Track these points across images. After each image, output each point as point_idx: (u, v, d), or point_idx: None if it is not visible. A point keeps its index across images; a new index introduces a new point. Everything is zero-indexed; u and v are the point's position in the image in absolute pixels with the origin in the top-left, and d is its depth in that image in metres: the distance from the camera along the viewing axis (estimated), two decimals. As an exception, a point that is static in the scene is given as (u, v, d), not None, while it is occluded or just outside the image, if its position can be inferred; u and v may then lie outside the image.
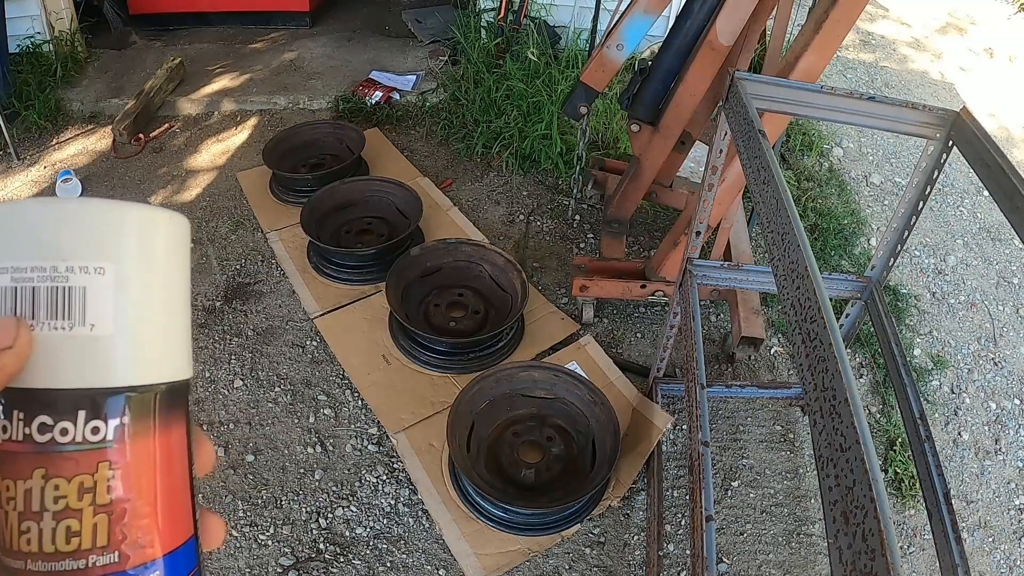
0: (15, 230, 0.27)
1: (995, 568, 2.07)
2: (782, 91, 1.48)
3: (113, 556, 0.27)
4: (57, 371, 0.27)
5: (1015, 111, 4.47)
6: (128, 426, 0.28)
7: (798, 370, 0.92)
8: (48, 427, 0.27)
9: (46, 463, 0.27)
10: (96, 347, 0.27)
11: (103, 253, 0.28)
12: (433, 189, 3.11)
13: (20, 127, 3.40)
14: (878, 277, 1.76)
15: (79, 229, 0.27)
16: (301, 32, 4.48)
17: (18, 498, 0.27)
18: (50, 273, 0.27)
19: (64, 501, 0.27)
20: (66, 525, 0.27)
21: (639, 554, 1.95)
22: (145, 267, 0.29)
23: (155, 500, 0.28)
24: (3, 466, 0.27)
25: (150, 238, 0.29)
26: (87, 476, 0.27)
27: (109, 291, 0.27)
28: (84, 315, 0.27)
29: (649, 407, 2.19)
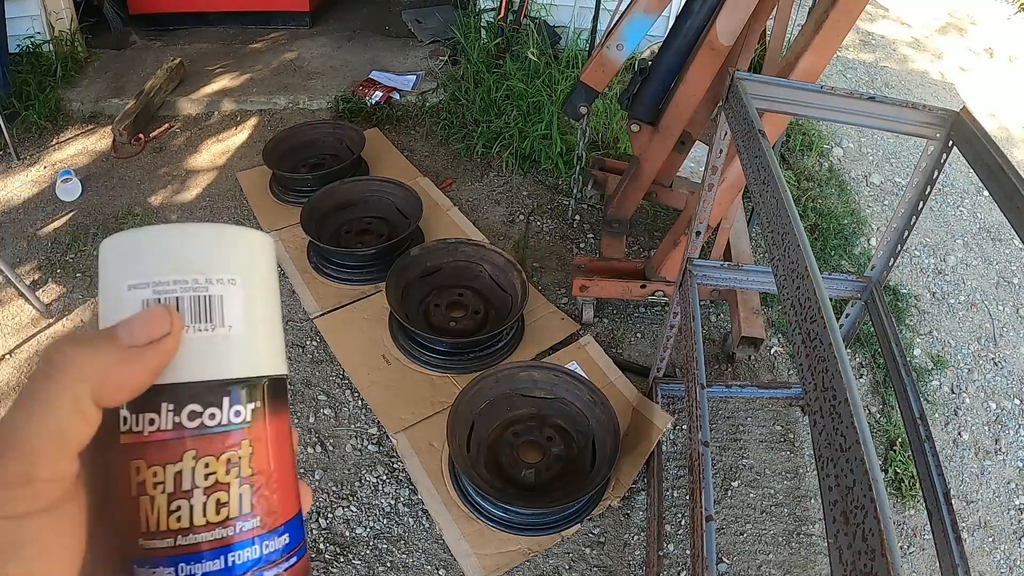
0: (155, 251, 0.32)
1: (995, 568, 2.07)
2: (782, 91, 1.48)
3: (256, 521, 0.31)
4: (205, 365, 0.31)
5: (1015, 111, 4.47)
6: (260, 408, 0.32)
7: (798, 370, 0.92)
8: (197, 414, 0.31)
9: (196, 445, 0.30)
10: (234, 344, 0.32)
11: (233, 267, 0.33)
12: (433, 189, 3.11)
13: (20, 127, 3.40)
14: (878, 277, 1.76)
15: (214, 248, 0.33)
16: (301, 32, 4.48)
17: (167, 481, 0.30)
18: (192, 285, 0.31)
19: (214, 476, 0.31)
20: (216, 498, 0.30)
21: (639, 554, 1.95)
22: (260, 277, 0.34)
23: (280, 471, 0.33)
24: (151, 454, 0.30)
25: (262, 253, 0.35)
26: (233, 452, 0.31)
27: (240, 298, 0.33)
28: (223, 318, 0.32)
29: (649, 407, 2.19)
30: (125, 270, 0.31)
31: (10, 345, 2.40)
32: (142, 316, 0.30)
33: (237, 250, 0.33)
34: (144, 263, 0.31)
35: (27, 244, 2.81)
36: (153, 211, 3.00)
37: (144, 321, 0.30)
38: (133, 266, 0.31)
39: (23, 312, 2.51)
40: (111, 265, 0.32)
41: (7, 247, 2.78)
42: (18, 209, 2.99)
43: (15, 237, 2.84)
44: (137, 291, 0.31)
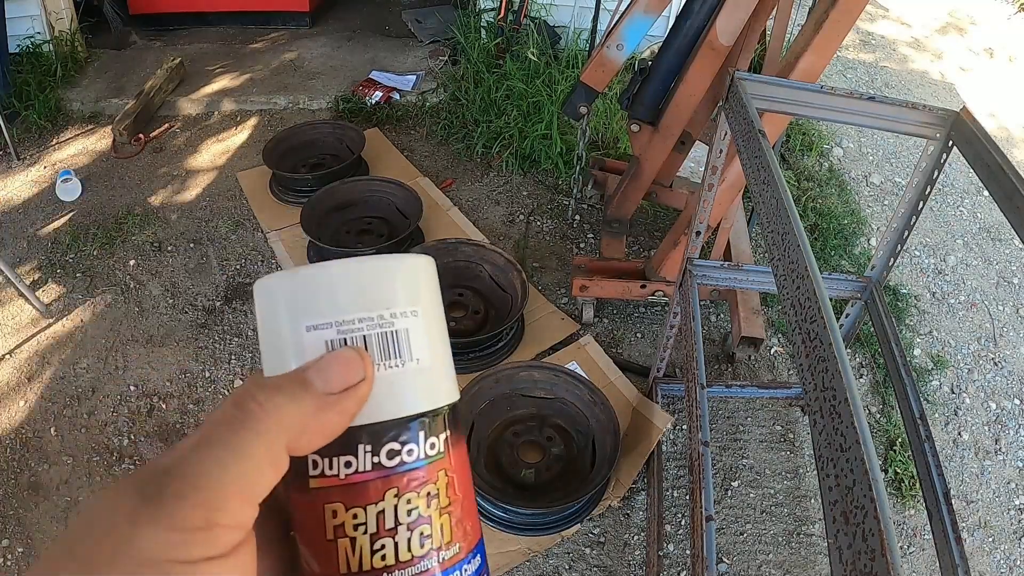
0: (333, 288, 0.31)
1: (995, 568, 2.07)
2: (782, 91, 1.48)
3: (456, 548, 0.31)
4: (400, 402, 0.31)
5: (1015, 111, 4.47)
6: (449, 437, 0.32)
7: (798, 370, 0.92)
8: (396, 452, 0.30)
9: (397, 483, 0.30)
10: (423, 376, 0.32)
11: (413, 298, 0.32)
12: (433, 189, 3.11)
13: (20, 127, 3.40)
14: (878, 277, 1.76)
15: (395, 281, 0.32)
16: (301, 32, 4.48)
17: (369, 522, 0.30)
18: (378, 321, 0.31)
19: (417, 512, 0.30)
20: (419, 531, 0.30)
21: (639, 554, 1.95)
22: (434, 304, 0.34)
23: (468, 495, 0.33)
24: (349, 497, 0.30)
25: (432, 279, 0.34)
26: (432, 485, 0.31)
27: (422, 328, 0.32)
28: (411, 352, 0.31)
29: (649, 407, 2.19)
30: (300, 310, 0.30)
31: (10, 345, 2.40)
32: (335, 360, 0.29)
33: (413, 280, 0.33)
34: (322, 302, 0.30)
35: (27, 244, 2.81)
36: (153, 211, 3.00)
37: (338, 366, 0.29)
38: (310, 306, 0.30)
39: (23, 312, 2.51)
40: (280, 305, 0.31)
41: (7, 247, 2.78)
42: (18, 209, 2.99)
43: (15, 237, 2.84)
44: (319, 332, 0.30)
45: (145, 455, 2.11)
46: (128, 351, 2.41)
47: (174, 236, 2.87)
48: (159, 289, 2.64)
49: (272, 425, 0.28)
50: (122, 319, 2.52)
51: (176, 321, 2.52)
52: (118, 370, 2.34)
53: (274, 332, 0.31)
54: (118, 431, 2.17)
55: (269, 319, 0.31)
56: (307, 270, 0.31)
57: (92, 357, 2.38)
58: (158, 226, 2.92)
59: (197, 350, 2.42)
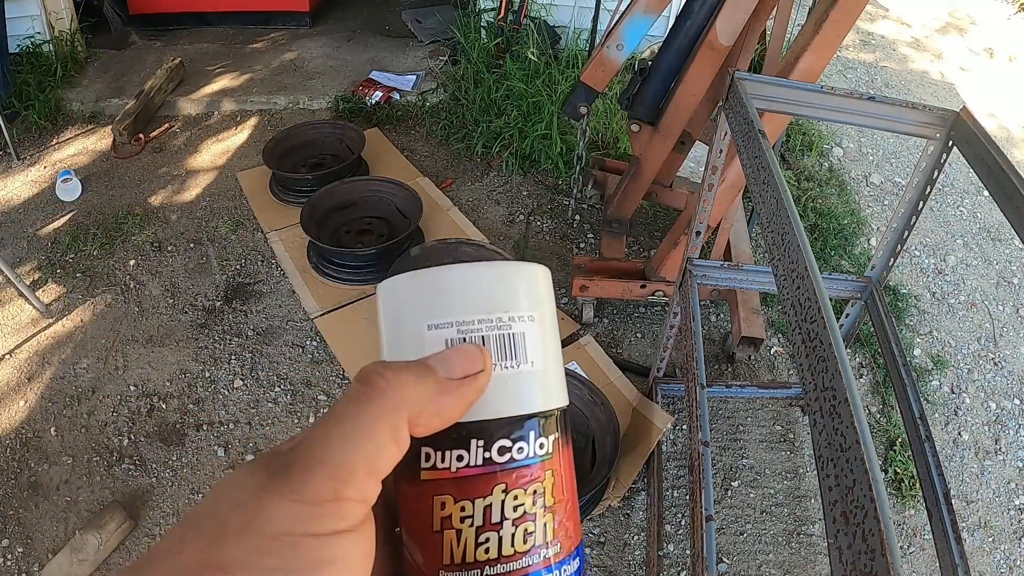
0: (455, 290, 0.33)
1: (995, 568, 2.07)
2: (782, 91, 1.48)
3: (557, 547, 0.32)
4: (512, 401, 0.32)
5: (1015, 111, 4.47)
6: (558, 439, 0.34)
7: (798, 370, 0.92)
8: (507, 449, 0.31)
9: (506, 479, 0.31)
10: (537, 379, 0.33)
11: (531, 304, 0.34)
12: (433, 189, 3.11)
13: (20, 127, 3.40)
14: (878, 277, 1.76)
15: (515, 287, 0.33)
16: (301, 32, 4.48)
17: (476, 515, 0.31)
18: (496, 323, 0.32)
19: (522, 508, 0.31)
20: (524, 528, 0.31)
21: (639, 554, 1.95)
22: (549, 312, 0.35)
23: (572, 498, 0.34)
24: (459, 489, 0.31)
25: (546, 288, 0.35)
26: (538, 484, 0.32)
27: (537, 333, 0.33)
28: (526, 354, 0.33)
29: (649, 407, 2.19)
30: (421, 310, 0.32)
31: (10, 345, 2.40)
32: (457, 352, 0.31)
33: (531, 287, 0.34)
34: (443, 303, 0.32)
35: (27, 244, 2.81)
36: (153, 211, 3.00)
37: (460, 357, 0.31)
38: (433, 307, 0.32)
39: (23, 312, 2.51)
40: (402, 305, 0.33)
41: (7, 247, 2.78)
42: (18, 209, 2.99)
43: (15, 237, 2.84)
44: (440, 331, 0.32)
45: (145, 455, 2.11)
46: (128, 351, 2.41)
47: (174, 236, 2.87)
48: (159, 289, 2.64)
49: (396, 401, 0.28)
50: (122, 319, 2.52)
51: (176, 321, 2.52)
52: (118, 370, 2.34)
53: (396, 330, 0.33)
54: (118, 431, 2.17)
55: (391, 318, 0.33)
56: (429, 273, 0.33)
57: (92, 357, 2.38)
58: (158, 226, 2.92)
59: (197, 350, 2.42)
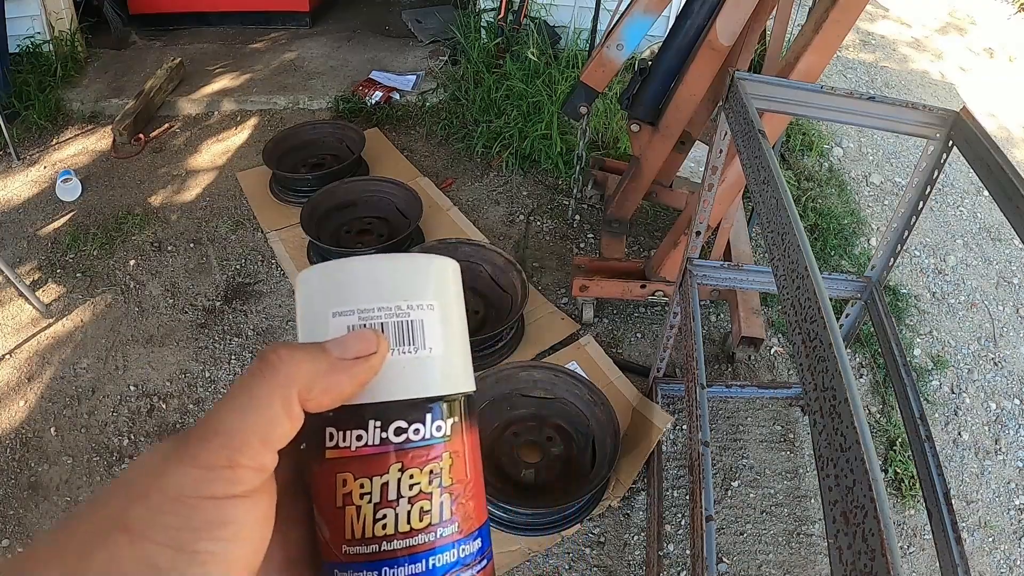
0: (358, 281, 0.34)
1: (995, 568, 2.07)
2: (782, 91, 1.48)
3: (454, 527, 0.34)
4: (409, 385, 0.34)
5: (1015, 111, 4.47)
6: (457, 424, 0.35)
7: (798, 370, 0.92)
8: (403, 430, 0.33)
9: (402, 458, 0.33)
10: (434, 365, 0.35)
11: (430, 293, 0.35)
12: (433, 189, 3.11)
13: (20, 127, 3.40)
14: (878, 277, 1.76)
15: (413, 277, 0.35)
16: (301, 32, 4.48)
17: (374, 492, 0.32)
18: (395, 311, 0.34)
19: (418, 487, 0.33)
20: (419, 506, 0.33)
21: (639, 554, 1.95)
22: (452, 301, 0.36)
23: (475, 480, 0.35)
24: (358, 468, 0.33)
25: (452, 280, 0.37)
26: (435, 464, 0.33)
27: (437, 322, 0.35)
28: (424, 341, 0.34)
29: (649, 407, 2.19)
30: (329, 299, 0.34)
31: (10, 345, 2.40)
32: (354, 335, 0.33)
33: (433, 277, 0.36)
34: (347, 292, 0.34)
35: (27, 244, 2.81)
36: (153, 211, 3.00)
37: (355, 339, 0.33)
38: (336, 295, 0.34)
39: (23, 312, 2.51)
40: (313, 295, 0.35)
41: (7, 247, 2.78)
42: (18, 209, 2.99)
43: (15, 237, 2.84)
44: (342, 318, 0.34)
45: (145, 455, 2.11)
46: (128, 351, 2.41)
47: (174, 236, 2.87)
48: (159, 289, 2.64)
49: (287, 375, 0.30)
50: (122, 319, 2.52)
51: (176, 321, 2.52)
52: (118, 370, 2.34)
53: (308, 318, 0.35)
54: (118, 431, 2.17)
55: (305, 307, 0.35)
56: (337, 264, 0.35)
57: (92, 357, 2.38)
58: (158, 226, 2.92)
59: (197, 350, 2.42)
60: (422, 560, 0.32)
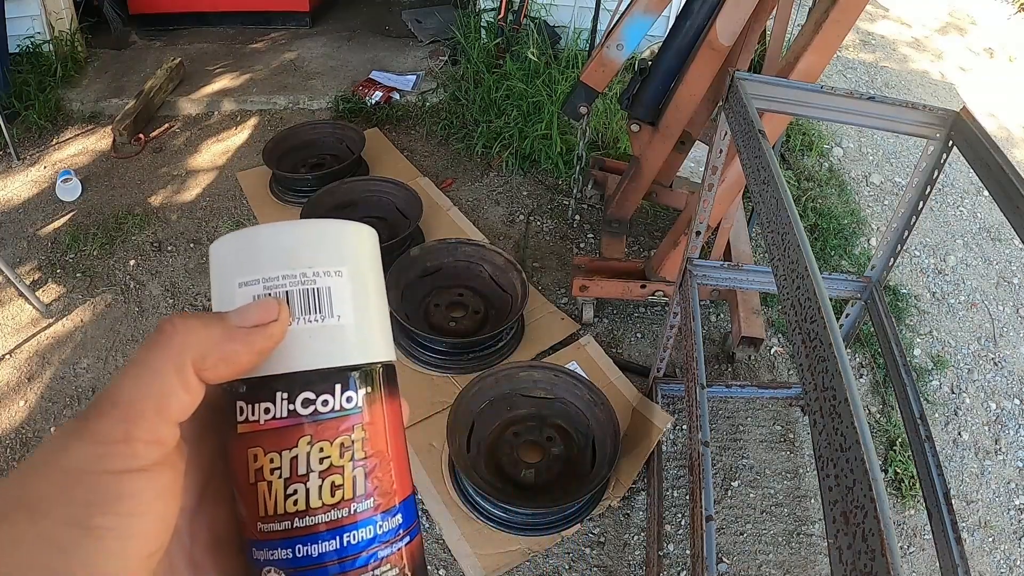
0: (263, 248, 0.33)
1: (995, 568, 2.07)
2: (782, 91, 1.48)
3: (369, 503, 0.32)
4: (316, 354, 0.32)
5: (1015, 111, 4.47)
6: (370, 394, 0.33)
7: (798, 370, 0.92)
8: (311, 401, 0.32)
9: (311, 431, 0.32)
10: (343, 333, 0.33)
11: (339, 259, 0.34)
12: (433, 189, 3.11)
13: (20, 127, 3.40)
14: (878, 277, 1.76)
15: (320, 243, 0.34)
16: (301, 32, 4.48)
17: (283, 466, 0.31)
18: (300, 279, 0.33)
19: (328, 460, 0.32)
20: (331, 481, 0.32)
21: (639, 554, 1.95)
22: (366, 267, 0.35)
23: (393, 455, 0.34)
24: (268, 442, 0.32)
25: (365, 246, 0.36)
26: (346, 437, 0.32)
27: (347, 289, 0.34)
28: (332, 309, 0.33)
29: (649, 407, 2.19)
30: (235, 269, 0.33)
31: (10, 345, 2.40)
32: (253, 304, 0.32)
33: (341, 243, 0.35)
34: (252, 261, 0.33)
35: (27, 244, 2.81)
36: (153, 211, 3.00)
37: (256, 308, 0.32)
38: (242, 265, 0.33)
39: (23, 312, 2.51)
40: (221, 265, 0.34)
41: (7, 247, 2.78)
42: (18, 209, 2.99)
43: (15, 237, 2.84)
44: (248, 288, 0.33)
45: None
46: (128, 351, 2.41)
47: (174, 236, 2.87)
48: (159, 289, 2.64)
49: (180, 344, 0.30)
50: (122, 319, 2.52)
51: (176, 321, 2.52)
52: (118, 370, 2.34)
53: (215, 288, 0.34)
54: (118, 431, 2.17)
55: (213, 276, 0.34)
56: (244, 232, 0.33)
57: (92, 357, 2.38)
58: (158, 226, 2.92)
59: (197, 350, 2.41)
60: (336, 536, 0.31)
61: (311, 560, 0.31)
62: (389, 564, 0.33)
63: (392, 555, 0.33)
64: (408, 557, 0.34)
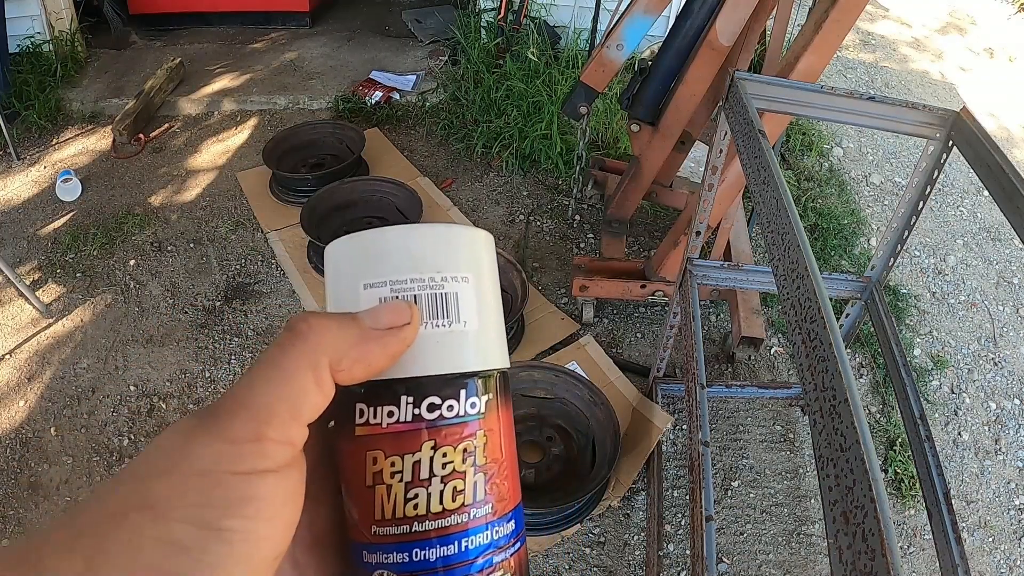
0: (390, 252, 0.33)
1: (995, 568, 2.07)
2: (782, 91, 1.48)
3: (488, 507, 0.32)
4: (443, 359, 0.32)
5: (1015, 111, 4.47)
6: (492, 401, 0.34)
7: (798, 370, 0.92)
8: (436, 406, 0.32)
9: (435, 436, 0.31)
10: (469, 339, 0.33)
11: (466, 266, 0.34)
12: (433, 189, 3.11)
13: (20, 127, 3.40)
14: (878, 277, 1.76)
15: (449, 248, 0.34)
16: (301, 32, 4.48)
17: (405, 470, 0.31)
18: (428, 283, 0.33)
19: (451, 466, 0.32)
20: (453, 486, 0.31)
21: (639, 554, 1.95)
22: (486, 275, 0.35)
23: (510, 460, 0.34)
24: (389, 445, 0.31)
25: (488, 252, 0.36)
26: (469, 442, 0.32)
27: (472, 295, 0.34)
28: (459, 314, 0.33)
29: (649, 407, 2.19)
30: (359, 270, 0.33)
31: (10, 345, 2.40)
32: (386, 306, 0.32)
33: (468, 249, 0.35)
34: (379, 264, 0.33)
35: (27, 244, 2.81)
36: (153, 211, 3.00)
37: (388, 310, 0.31)
38: (368, 267, 0.33)
39: (23, 312, 2.51)
40: (341, 266, 0.34)
41: (7, 247, 2.78)
42: (18, 209, 2.99)
43: (15, 237, 2.84)
44: (374, 289, 0.33)
45: (145, 455, 2.11)
46: (128, 351, 2.41)
47: (174, 236, 2.87)
48: (159, 289, 2.64)
49: (316, 344, 0.29)
50: (122, 319, 2.52)
51: (176, 321, 2.52)
52: (118, 370, 2.34)
53: (336, 290, 0.34)
54: (118, 431, 2.17)
55: (333, 279, 0.34)
56: (368, 234, 0.33)
57: (92, 357, 2.38)
58: (158, 226, 2.92)
59: (197, 350, 2.42)
60: (454, 541, 0.31)
61: (427, 564, 0.31)
62: (502, 570, 0.33)
63: (504, 561, 0.33)
64: (517, 563, 0.34)
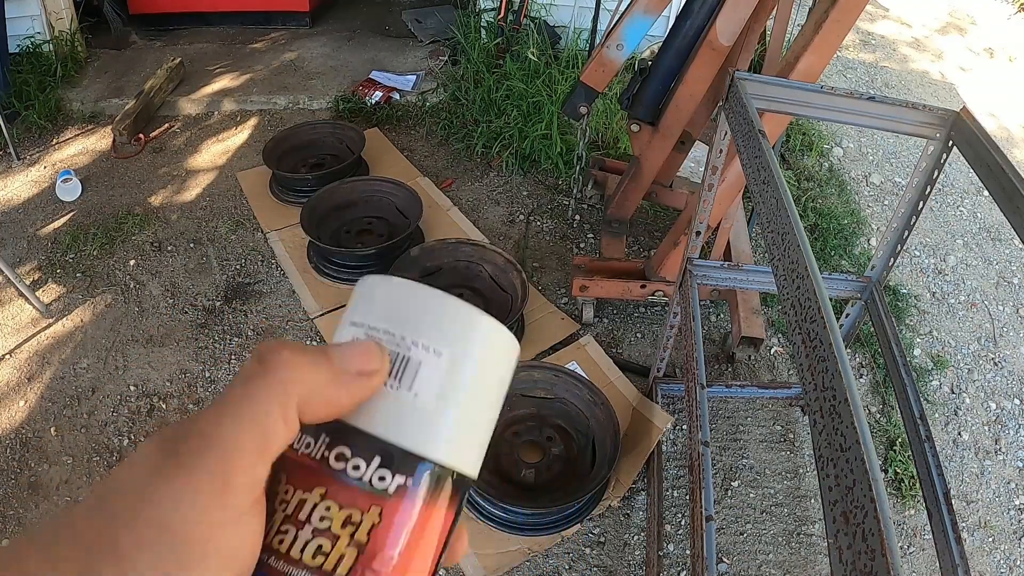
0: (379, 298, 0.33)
1: (995, 568, 2.07)
2: (782, 91, 1.48)
3: None
4: (373, 417, 0.31)
5: (1015, 111, 4.47)
6: (407, 489, 0.30)
7: (798, 370, 0.92)
8: (344, 457, 0.30)
9: (329, 485, 0.30)
10: (411, 413, 0.31)
11: (446, 341, 0.32)
12: (433, 189, 3.11)
13: (20, 127, 3.40)
14: (878, 277, 1.76)
15: (437, 315, 0.32)
16: (301, 32, 4.48)
17: (291, 503, 0.30)
18: (397, 339, 0.31)
19: (328, 523, 0.29)
20: (319, 543, 0.29)
21: (639, 554, 1.95)
22: (474, 367, 0.32)
23: (398, 563, 0.30)
24: (292, 473, 0.30)
25: (486, 347, 0.33)
26: (357, 511, 0.30)
27: (439, 373, 0.31)
28: (412, 383, 0.31)
29: (649, 407, 2.19)
30: (355, 307, 0.33)
31: (10, 345, 2.40)
32: (357, 345, 0.31)
33: (457, 327, 0.32)
34: (368, 306, 0.33)
35: (27, 244, 2.81)
36: (153, 211, 3.00)
37: (358, 351, 0.30)
38: (361, 305, 0.33)
39: (23, 312, 2.51)
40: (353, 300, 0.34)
41: (7, 247, 2.78)
42: (18, 209, 2.99)
43: (15, 237, 2.84)
44: (354, 328, 0.32)
45: (145, 455, 2.11)
46: (128, 351, 2.41)
47: (174, 236, 2.87)
48: (159, 289, 2.64)
49: (288, 380, 0.28)
50: (122, 319, 2.52)
51: (176, 321, 2.52)
52: (118, 370, 2.34)
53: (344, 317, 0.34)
54: (118, 431, 2.17)
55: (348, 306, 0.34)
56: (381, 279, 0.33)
57: (92, 357, 2.38)
58: (158, 226, 2.92)
59: (197, 350, 2.42)
60: None
61: None
62: None
63: None
64: None
